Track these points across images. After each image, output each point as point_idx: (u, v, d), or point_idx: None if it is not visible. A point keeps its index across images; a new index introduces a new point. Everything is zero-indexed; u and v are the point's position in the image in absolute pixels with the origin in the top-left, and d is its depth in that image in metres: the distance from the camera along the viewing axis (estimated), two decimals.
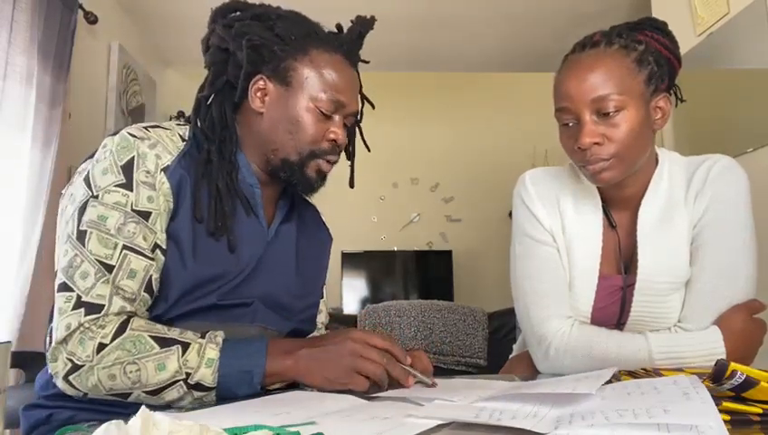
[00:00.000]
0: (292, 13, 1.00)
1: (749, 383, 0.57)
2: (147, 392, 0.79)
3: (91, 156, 0.92)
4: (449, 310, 3.27)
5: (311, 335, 1.09)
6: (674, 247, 1.01)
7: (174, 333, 0.82)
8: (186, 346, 0.80)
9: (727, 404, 0.56)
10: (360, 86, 1.07)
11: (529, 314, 1.06)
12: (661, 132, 1.96)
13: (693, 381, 0.63)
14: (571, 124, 0.98)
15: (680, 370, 0.82)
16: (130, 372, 0.78)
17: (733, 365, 0.58)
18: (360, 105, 1.09)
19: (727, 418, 0.53)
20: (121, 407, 0.80)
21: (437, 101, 4.35)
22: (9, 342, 0.75)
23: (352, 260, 3.98)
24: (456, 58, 4.01)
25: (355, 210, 4.18)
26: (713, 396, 0.56)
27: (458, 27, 3.53)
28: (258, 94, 0.97)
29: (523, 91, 4.24)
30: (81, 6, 2.54)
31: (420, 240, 4.23)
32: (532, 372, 1.07)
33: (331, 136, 0.97)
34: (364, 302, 3.87)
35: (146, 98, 3.41)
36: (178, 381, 0.79)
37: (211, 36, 1.00)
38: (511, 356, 1.29)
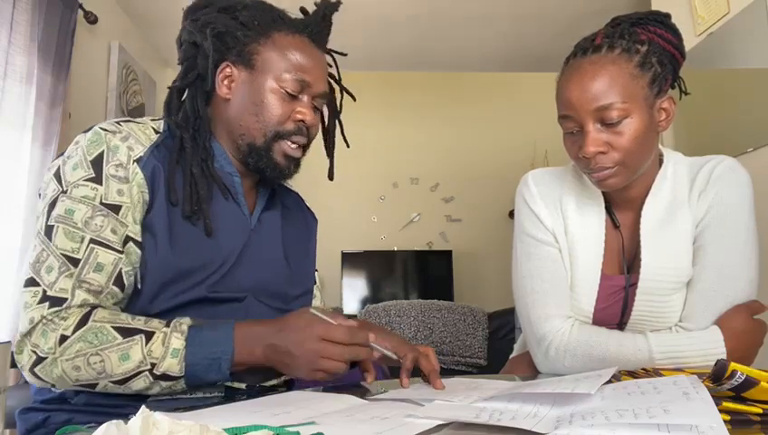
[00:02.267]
0: (258, 2, 1.01)
1: (749, 383, 0.57)
2: (113, 382, 0.79)
3: (63, 153, 0.91)
4: (449, 310, 3.27)
5: None
6: (677, 247, 1.01)
7: (138, 322, 0.81)
8: (150, 335, 0.79)
9: (727, 404, 0.56)
10: (339, 78, 1.08)
11: (529, 313, 1.06)
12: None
13: (693, 381, 0.62)
14: (574, 131, 0.98)
15: (680, 370, 0.82)
16: (94, 363, 0.78)
17: (733, 365, 0.58)
18: (340, 97, 1.10)
19: (727, 418, 0.53)
20: (119, 408, 0.80)
21: (438, 101, 4.34)
22: (9, 342, 0.75)
23: (352, 260, 3.98)
24: (457, 58, 4.01)
25: (355, 210, 4.18)
26: (713, 396, 0.56)
27: (458, 27, 3.53)
28: (225, 82, 0.97)
29: (523, 91, 4.24)
30: (81, 6, 2.54)
31: (420, 240, 4.23)
32: (532, 372, 1.07)
33: (298, 116, 0.96)
34: (364, 302, 3.86)
35: (146, 98, 3.41)
36: (143, 371, 0.78)
37: (182, 33, 1.02)
38: (511, 356, 1.29)
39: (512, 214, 1.16)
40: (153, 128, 0.95)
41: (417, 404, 0.70)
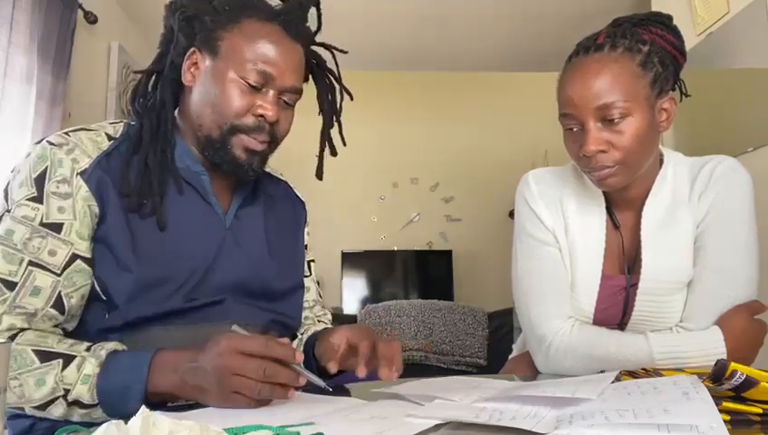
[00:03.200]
0: None
1: (749, 383, 0.57)
2: (34, 407, 0.75)
3: (15, 167, 0.88)
4: (449, 310, 3.27)
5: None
6: (677, 248, 1.01)
7: (62, 346, 0.77)
8: (68, 360, 0.75)
9: (727, 404, 0.56)
10: (339, 77, 1.02)
11: (529, 313, 1.06)
12: None
13: (693, 382, 0.62)
14: (575, 129, 0.97)
15: (681, 370, 0.82)
16: (14, 387, 0.74)
17: (733, 365, 0.58)
18: (340, 98, 1.05)
19: (727, 418, 0.53)
20: (96, 424, 0.78)
21: (438, 101, 4.34)
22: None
23: (352, 260, 3.98)
24: (457, 58, 4.01)
25: (355, 210, 4.18)
26: (713, 396, 0.56)
27: (458, 27, 3.52)
28: (191, 69, 0.93)
29: (524, 91, 4.24)
30: (80, 6, 2.53)
31: (420, 240, 4.23)
32: (532, 372, 1.07)
33: (259, 111, 0.90)
34: (364, 302, 3.86)
35: None
36: (58, 397, 0.74)
37: (163, 18, 0.98)
38: (510, 356, 1.29)
39: (512, 214, 1.16)
40: (107, 134, 0.91)
41: (417, 404, 0.70)
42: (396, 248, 4.12)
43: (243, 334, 0.74)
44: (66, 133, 0.88)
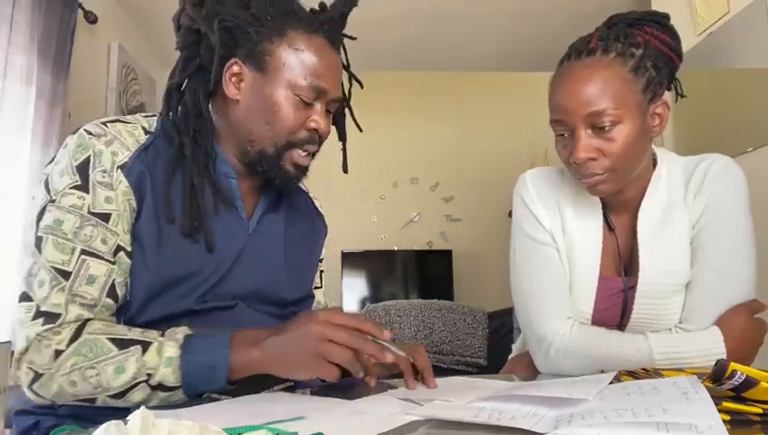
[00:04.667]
0: None
1: (749, 383, 0.57)
2: (111, 396, 0.76)
3: (54, 158, 0.88)
4: (449, 310, 3.27)
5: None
6: (675, 249, 1.00)
7: (134, 333, 0.78)
8: (146, 346, 0.76)
9: (727, 404, 0.56)
10: (348, 64, 1.01)
11: (529, 314, 1.06)
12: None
13: (692, 382, 0.62)
14: (566, 135, 0.97)
15: (681, 370, 0.82)
16: (90, 377, 0.75)
17: (733, 365, 0.58)
18: (349, 85, 1.03)
19: (727, 418, 0.53)
20: (105, 417, 0.78)
21: (437, 101, 4.35)
22: (9, 342, 0.74)
23: (352, 260, 3.98)
24: (456, 58, 4.01)
25: (355, 210, 4.18)
26: (713, 396, 0.56)
27: (458, 26, 3.52)
28: (233, 80, 0.90)
29: (523, 90, 4.24)
30: (80, 6, 2.53)
31: (420, 240, 4.23)
32: (532, 372, 1.07)
33: (312, 125, 0.90)
34: (364, 301, 3.86)
35: (146, 97, 3.41)
36: (140, 382, 0.75)
37: (181, 16, 0.93)
38: (510, 356, 1.29)
39: (512, 214, 1.15)
40: (143, 127, 0.90)
41: (417, 404, 0.70)
42: (396, 248, 4.12)
43: (334, 308, 0.77)
44: (104, 124, 0.87)
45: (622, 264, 1.06)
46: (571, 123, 0.94)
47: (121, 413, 0.53)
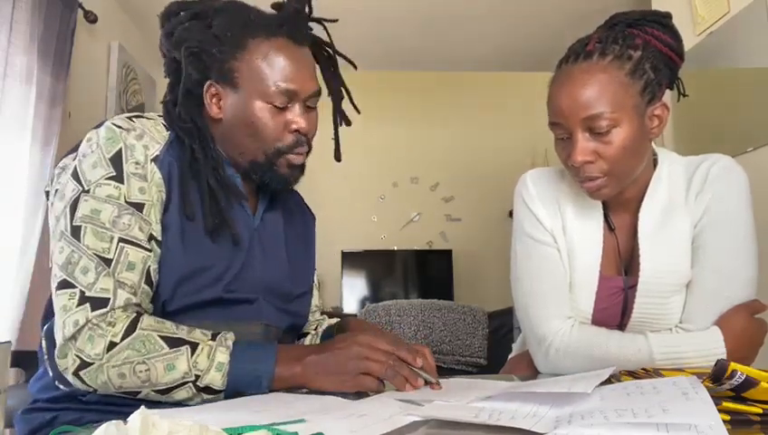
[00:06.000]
0: (229, 3, 0.95)
1: (749, 383, 0.57)
2: (156, 391, 0.79)
3: (73, 150, 0.90)
4: (449, 309, 3.27)
5: (322, 342, 1.08)
6: (675, 249, 1.00)
7: (182, 332, 0.82)
8: (194, 347, 0.80)
9: (727, 404, 0.56)
10: (335, 51, 1.02)
11: (529, 314, 1.06)
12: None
13: (692, 382, 0.62)
14: (564, 138, 0.98)
15: (681, 370, 0.82)
16: (140, 371, 0.78)
17: (733, 365, 0.58)
18: (331, 68, 1.04)
19: (727, 418, 0.53)
20: (132, 407, 0.79)
21: (437, 101, 4.34)
22: (9, 342, 0.75)
23: (352, 260, 3.98)
24: (456, 58, 4.01)
25: (355, 210, 4.18)
26: (713, 396, 0.56)
27: (458, 27, 3.52)
28: (213, 101, 0.94)
29: (524, 90, 4.24)
30: (80, 6, 2.53)
31: (420, 240, 4.23)
32: (532, 372, 1.07)
33: (293, 126, 0.93)
34: (364, 301, 3.86)
35: (146, 97, 3.41)
36: (188, 382, 0.79)
37: (161, 44, 0.97)
38: (510, 356, 1.29)
39: (512, 213, 1.15)
40: (163, 124, 0.94)
41: (417, 404, 0.70)
42: (396, 248, 4.12)
43: (375, 332, 0.88)
44: (130, 118, 0.90)
45: (623, 263, 1.06)
46: (568, 127, 0.95)
47: (150, 406, 0.53)
